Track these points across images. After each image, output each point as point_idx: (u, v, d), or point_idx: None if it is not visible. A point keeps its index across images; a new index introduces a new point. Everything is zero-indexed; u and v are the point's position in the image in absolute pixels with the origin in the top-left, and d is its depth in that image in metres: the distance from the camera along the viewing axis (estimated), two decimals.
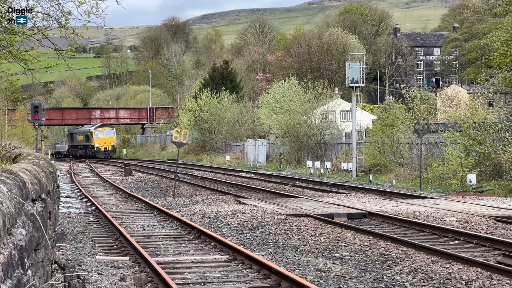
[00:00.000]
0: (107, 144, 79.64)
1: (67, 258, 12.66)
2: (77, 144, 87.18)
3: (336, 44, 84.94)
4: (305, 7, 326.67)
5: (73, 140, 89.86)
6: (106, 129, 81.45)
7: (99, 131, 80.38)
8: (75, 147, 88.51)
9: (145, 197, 26.49)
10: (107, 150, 79.62)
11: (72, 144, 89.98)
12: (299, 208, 20.73)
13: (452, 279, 10.75)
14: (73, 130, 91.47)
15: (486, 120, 30.13)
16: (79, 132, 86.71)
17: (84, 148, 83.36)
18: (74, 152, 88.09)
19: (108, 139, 79.92)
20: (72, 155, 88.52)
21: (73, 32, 14.42)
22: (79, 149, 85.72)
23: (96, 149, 79.31)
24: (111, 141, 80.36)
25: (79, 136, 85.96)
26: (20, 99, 65.56)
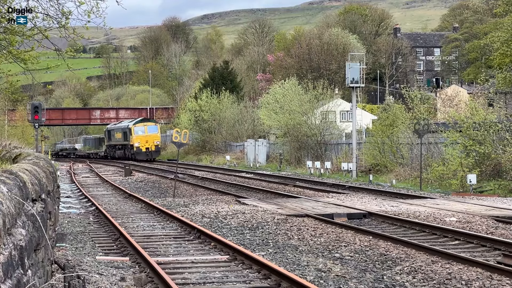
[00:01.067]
0: (149, 143, 66.09)
1: (67, 258, 12.66)
2: (115, 144, 74.94)
3: (336, 44, 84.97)
4: (305, 7, 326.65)
5: (110, 138, 77.10)
6: (148, 124, 67.66)
7: (139, 127, 66.83)
8: (112, 147, 76.14)
9: (145, 197, 26.49)
10: (149, 151, 66.18)
11: (110, 143, 77.13)
12: (299, 208, 20.72)
13: (452, 279, 10.75)
14: (111, 125, 79.07)
15: (486, 120, 30.12)
16: (117, 129, 73.93)
17: (123, 148, 71.04)
18: (112, 153, 76.13)
19: (151, 137, 66.10)
20: (111, 156, 76.65)
21: (73, 32, 14.42)
22: (117, 149, 73.59)
23: (136, 149, 66.10)
24: (154, 139, 66.33)
25: (117, 134, 73.06)
26: (20, 99, 65.59)
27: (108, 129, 78.91)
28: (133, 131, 66.33)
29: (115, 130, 74.67)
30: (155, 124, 69.02)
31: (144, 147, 65.81)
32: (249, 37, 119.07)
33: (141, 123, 67.28)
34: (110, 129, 77.91)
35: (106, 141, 79.71)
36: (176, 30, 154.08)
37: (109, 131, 77.98)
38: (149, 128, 66.82)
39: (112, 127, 77.10)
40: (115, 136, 74.11)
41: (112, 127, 77.10)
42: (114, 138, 74.99)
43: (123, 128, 70.40)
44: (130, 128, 67.30)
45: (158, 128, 68.10)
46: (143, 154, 65.86)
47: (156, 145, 66.47)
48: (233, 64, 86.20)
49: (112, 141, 76.14)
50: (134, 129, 66.42)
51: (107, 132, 78.88)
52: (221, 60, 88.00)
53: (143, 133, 66.04)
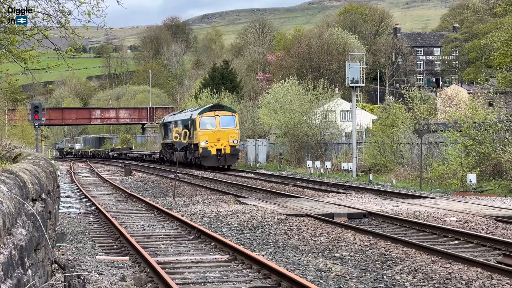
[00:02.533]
0: (222, 142, 45.21)
1: (67, 258, 12.66)
2: (174, 142, 49.76)
3: (336, 44, 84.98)
4: (305, 7, 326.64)
5: (167, 135, 54.83)
6: (221, 114, 46.13)
7: (208, 118, 45.99)
8: (169, 148, 53.71)
9: (145, 197, 26.49)
10: (222, 155, 45.32)
11: (167, 142, 55.01)
12: (299, 208, 20.72)
13: (452, 279, 10.75)
14: (169, 116, 58.22)
15: (486, 120, 30.12)
16: (176, 121, 52.38)
17: (184, 150, 48.38)
18: (169, 155, 54.29)
19: (225, 133, 45.42)
20: (167, 160, 55.26)
21: (73, 32, 14.42)
22: (176, 150, 47.73)
23: (202, 151, 45.18)
24: (229, 136, 45.37)
25: (176, 128, 49.15)
26: (20, 99, 65.59)
27: (165, 121, 57.14)
28: (198, 124, 45.51)
29: (173, 123, 52.86)
30: (232, 113, 46.36)
31: (215, 148, 44.94)
32: (249, 37, 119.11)
33: (211, 112, 45.79)
34: (167, 122, 56.18)
35: (162, 138, 58.11)
36: (176, 30, 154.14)
37: (166, 124, 56.06)
38: (222, 120, 45.62)
39: (170, 119, 55.99)
40: (174, 131, 50.06)
41: (170, 119, 55.99)
42: (171, 134, 51.43)
43: (184, 120, 49.32)
44: (193, 119, 46.16)
45: (236, 120, 46.14)
46: (213, 159, 45.11)
47: (233, 145, 45.19)
48: (233, 64, 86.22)
49: (169, 139, 53.27)
50: (200, 120, 45.55)
51: (163, 126, 57.47)
52: (221, 60, 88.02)
53: (213, 127, 45.38)
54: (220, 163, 45.50)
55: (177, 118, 52.93)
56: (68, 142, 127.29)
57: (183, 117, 50.51)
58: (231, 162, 46.33)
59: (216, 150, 45.16)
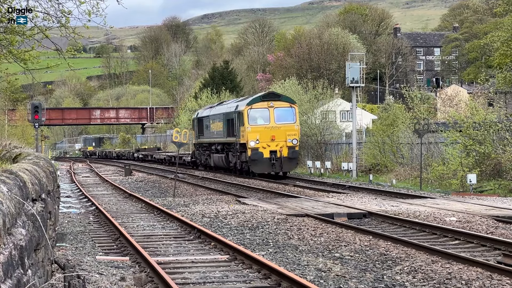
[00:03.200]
0: (277, 142, 35.56)
1: (67, 258, 12.66)
2: (211, 141, 43.02)
3: (336, 44, 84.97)
4: (305, 7, 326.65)
5: (202, 132, 45.61)
6: (276, 105, 36.10)
7: (259, 110, 36.10)
8: (205, 149, 45.26)
9: (145, 197, 26.49)
10: (277, 158, 35.39)
11: (202, 142, 45.89)
12: (299, 208, 20.72)
13: (452, 279, 10.75)
14: (205, 110, 47.76)
15: (486, 120, 30.13)
16: (216, 115, 42.26)
17: (225, 151, 39.90)
18: (205, 158, 45.48)
19: (281, 131, 35.70)
20: (201, 163, 47.03)
21: (73, 32, 14.42)
22: (214, 152, 42.15)
23: (252, 153, 35.43)
24: (287, 134, 35.74)
25: (215, 124, 42.06)
26: (20, 99, 65.62)
27: (199, 116, 47.08)
28: (247, 118, 35.47)
29: (210, 118, 43.08)
30: (290, 104, 36.39)
31: (268, 150, 35.20)
32: (249, 37, 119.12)
33: (263, 102, 35.82)
34: (201, 117, 45.94)
35: (196, 137, 47.29)
36: (176, 30, 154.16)
37: (200, 120, 46.00)
38: (278, 113, 35.82)
39: (206, 113, 45.33)
40: (211, 128, 42.82)
41: (206, 113, 45.33)
42: (209, 132, 43.45)
43: (227, 113, 39.24)
44: (240, 112, 36.28)
45: (296, 113, 36.32)
46: (265, 164, 35.23)
47: (292, 146, 35.39)
48: (233, 64, 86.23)
49: (205, 137, 44.54)
50: (249, 113, 35.58)
51: (196, 122, 47.23)
52: (221, 60, 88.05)
53: (265, 122, 35.62)
54: (274, 169, 35.25)
55: (216, 112, 42.20)
56: (68, 142, 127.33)
57: (226, 110, 39.93)
58: (289, 168, 36.22)
59: (270, 153, 35.00)
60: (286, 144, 35.45)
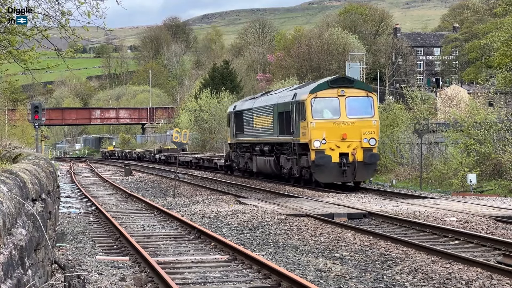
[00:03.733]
0: (349, 141, 27.65)
1: (67, 258, 12.66)
2: (254, 141, 35.13)
3: (336, 44, 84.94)
4: (305, 7, 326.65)
5: (241, 130, 37.04)
6: (349, 92, 27.91)
7: (326, 99, 27.97)
8: (245, 150, 36.87)
9: (145, 197, 26.50)
10: (350, 163, 27.48)
11: (241, 141, 37.44)
12: (299, 208, 20.73)
13: (452, 279, 10.75)
14: (243, 103, 38.93)
15: (487, 120, 30.14)
16: (262, 108, 33.94)
17: (276, 153, 31.84)
18: (244, 161, 37.03)
19: (355, 126, 27.73)
20: (240, 167, 38.21)
21: (73, 33, 14.43)
22: (258, 154, 34.35)
23: (316, 156, 27.22)
24: (362, 132, 27.75)
25: (259, 118, 34.14)
26: (20, 99, 65.65)
27: (237, 110, 37.98)
28: (310, 109, 27.62)
29: (254, 112, 34.75)
30: (366, 93, 28.62)
31: (337, 153, 27.56)
32: (249, 37, 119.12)
33: (331, 90, 27.92)
34: (241, 110, 37.20)
35: (232, 135, 38.60)
36: (176, 30, 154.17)
37: (239, 114, 37.41)
38: (351, 104, 28.07)
39: (248, 105, 36.51)
40: (254, 123, 34.63)
41: (248, 105, 36.51)
42: (251, 129, 35.27)
43: (280, 104, 30.91)
44: (301, 102, 28.28)
45: (374, 104, 28.57)
46: (333, 170, 27.58)
47: (369, 147, 27.73)
48: (233, 64, 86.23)
49: (245, 136, 36.39)
50: (313, 104, 27.72)
51: (233, 117, 38.13)
52: (221, 60, 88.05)
53: (334, 116, 27.94)
54: (345, 177, 27.53)
55: (263, 103, 33.44)
56: (68, 142, 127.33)
57: (277, 100, 31.38)
58: (364, 177, 28.47)
59: (339, 156, 27.28)
60: (360, 145, 27.44)
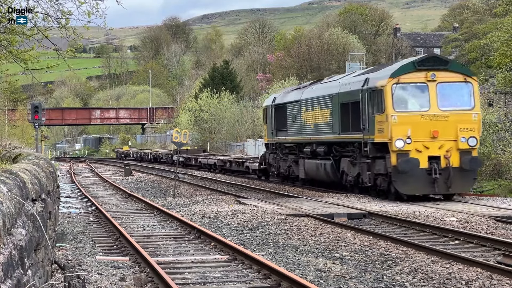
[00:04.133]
0: (441, 140, 21.66)
1: (67, 258, 12.66)
2: (302, 141, 29.01)
3: (336, 44, 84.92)
4: (305, 7, 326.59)
5: (283, 127, 31.13)
6: (441, 77, 21.80)
7: (412, 86, 22.00)
8: (288, 151, 31.27)
9: (145, 197, 26.50)
10: (443, 169, 21.47)
11: (281, 141, 31.79)
12: (299, 208, 20.73)
13: (452, 279, 10.75)
14: (284, 94, 32.63)
15: (486, 120, 30.12)
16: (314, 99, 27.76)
17: (334, 156, 26.01)
18: (285, 165, 31.44)
19: (449, 121, 21.73)
20: (280, 173, 32.38)
21: (73, 33, 14.43)
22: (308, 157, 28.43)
23: (400, 161, 21.18)
24: (458, 128, 21.73)
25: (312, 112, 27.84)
26: (20, 99, 65.64)
27: (277, 102, 32.01)
28: (390, 98, 21.75)
29: (303, 104, 28.90)
30: (464, 77, 22.27)
31: (425, 156, 21.66)
32: (249, 37, 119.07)
33: (419, 73, 21.97)
34: (284, 103, 31.26)
35: (270, 133, 32.85)
36: (176, 30, 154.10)
37: (281, 107, 31.51)
38: (444, 92, 22.13)
39: (294, 96, 30.57)
40: (303, 118, 28.88)
41: (294, 96, 30.57)
42: (298, 126, 29.52)
43: (343, 94, 25.03)
44: (377, 89, 22.29)
45: (474, 92, 22.28)
46: (421, 179, 21.67)
47: (467, 149, 21.86)
48: (233, 64, 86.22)
49: (289, 134, 30.59)
50: (395, 91, 21.79)
51: (273, 112, 32.33)
52: (221, 60, 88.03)
53: (423, 108, 22.02)
54: (436, 188, 21.70)
55: (316, 93, 27.50)
56: (68, 142, 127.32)
57: (339, 88, 25.21)
58: (460, 188, 22.71)
59: (428, 160, 21.71)
60: (456, 146, 21.75)
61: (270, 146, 33.65)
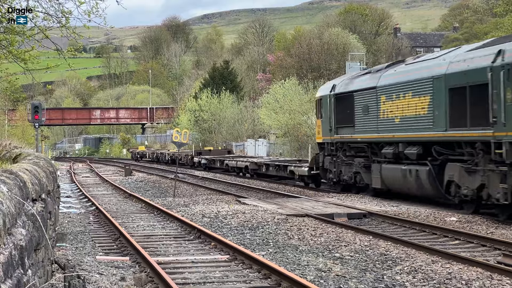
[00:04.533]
0: None
1: (67, 258, 12.66)
2: (381, 139, 22.85)
3: (336, 44, 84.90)
4: (305, 7, 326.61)
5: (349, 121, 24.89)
6: None
7: None
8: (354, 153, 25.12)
9: (145, 197, 26.49)
10: None
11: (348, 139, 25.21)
12: (299, 208, 20.73)
13: (452, 279, 10.75)
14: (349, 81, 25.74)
15: None
16: (399, 85, 21.59)
17: (435, 161, 19.68)
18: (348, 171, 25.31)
19: None
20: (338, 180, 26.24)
21: (74, 32, 14.44)
22: (387, 161, 22.43)
23: None
24: None
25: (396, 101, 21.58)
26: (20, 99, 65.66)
27: (339, 92, 25.99)
28: None
29: (380, 92, 22.73)
30: None
31: None
32: (249, 37, 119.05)
33: None
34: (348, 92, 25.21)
35: (327, 131, 27.14)
36: (176, 30, 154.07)
37: (345, 97, 25.41)
38: None
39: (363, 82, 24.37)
40: (381, 111, 22.68)
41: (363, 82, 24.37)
42: (371, 120, 23.42)
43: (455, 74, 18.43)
44: None
45: None
46: None
47: None
48: (233, 64, 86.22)
49: (357, 131, 24.41)
50: None
51: (332, 103, 26.47)
52: (221, 60, 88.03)
53: None
54: None
55: (404, 76, 21.69)
56: (68, 142, 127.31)
57: (449, 68, 19.11)
58: None
59: None
60: None
61: (326, 146, 27.23)
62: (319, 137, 28.33)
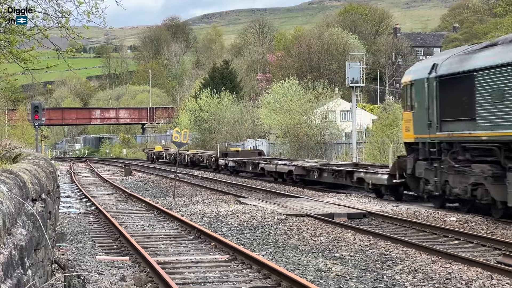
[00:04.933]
0: None
1: (67, 258, 12.66)
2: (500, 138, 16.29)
3: (336, 44, 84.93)
4: (305, 7, 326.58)
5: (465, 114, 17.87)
6: None
7: None
8: (475, 157, 17.98)
9: (145, 197, 26.49)
10: None
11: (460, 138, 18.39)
12: (299, 208, 20.72)
13: (452, 279, 10.75)
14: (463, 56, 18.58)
15: None
16: None
17: None
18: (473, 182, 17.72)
19: None
20: (446, 194, 19.27)
21: (73, 32, 14.43)
22: None
23: None
24: None
25: None
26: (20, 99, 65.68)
27: (447, 73, 18.88)
28: None
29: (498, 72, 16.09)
30: None
31: None
32: (249, 37, 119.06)
33: None
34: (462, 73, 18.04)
35: (424, 126, 20.25)
36: (176, 29, 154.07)
37: (454, 81, 18.46)
38: None
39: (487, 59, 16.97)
40: None
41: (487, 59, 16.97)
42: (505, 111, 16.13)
43: None
44: None
45: None
46: None
47: None
48: (233, 64, 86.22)
49: (479, 126, 17.32)
50: None
51: (435, 88, 19.47)
52: (221, 60, 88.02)
53: None
54: None
55: None
56: (68, 142, 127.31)
57: None
58: None
59: None
60: None
61: (421, 147, 20.91)
62: (409, 135, 21.73)
